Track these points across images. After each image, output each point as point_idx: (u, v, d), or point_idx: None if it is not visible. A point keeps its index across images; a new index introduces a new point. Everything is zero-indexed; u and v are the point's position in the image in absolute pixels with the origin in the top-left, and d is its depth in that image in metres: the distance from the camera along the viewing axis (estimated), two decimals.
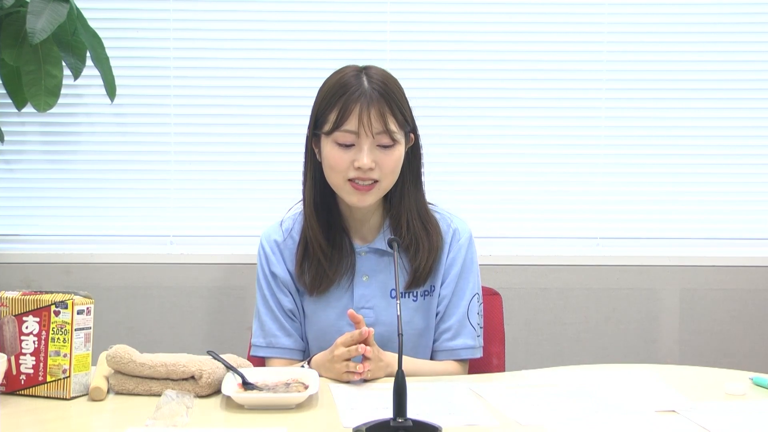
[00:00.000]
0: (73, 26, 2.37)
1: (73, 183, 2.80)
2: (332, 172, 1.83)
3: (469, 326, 1.91)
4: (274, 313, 1.91)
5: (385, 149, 1.81)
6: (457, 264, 1.92)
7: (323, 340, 1.86)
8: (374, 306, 1.89)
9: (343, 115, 1.79)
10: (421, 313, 1.91)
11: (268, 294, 1.92)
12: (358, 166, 1.79)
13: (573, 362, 2.08)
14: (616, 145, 2.82)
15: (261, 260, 1.94)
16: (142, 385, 1.59)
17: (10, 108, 2.53)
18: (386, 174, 1.82)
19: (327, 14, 2.77)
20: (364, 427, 1.36)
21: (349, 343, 1.68)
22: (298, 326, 1.93)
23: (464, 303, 1.91)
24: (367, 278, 1.90)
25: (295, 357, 1.92)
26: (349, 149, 1.81)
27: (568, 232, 2.83)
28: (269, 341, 1.91)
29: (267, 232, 1.97)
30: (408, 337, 1.87)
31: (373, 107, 1.79)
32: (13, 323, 1.59)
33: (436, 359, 1.92)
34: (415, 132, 1.90)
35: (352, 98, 1.79)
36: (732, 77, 2.81)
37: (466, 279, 1.92)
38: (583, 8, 2.78)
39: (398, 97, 1.84)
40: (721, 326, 2.82)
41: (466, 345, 1.90)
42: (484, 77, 2.79)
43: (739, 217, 2.85)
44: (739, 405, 1.57)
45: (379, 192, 1.84)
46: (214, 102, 2.78)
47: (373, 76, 1.83)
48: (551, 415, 1.48)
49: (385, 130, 1.80)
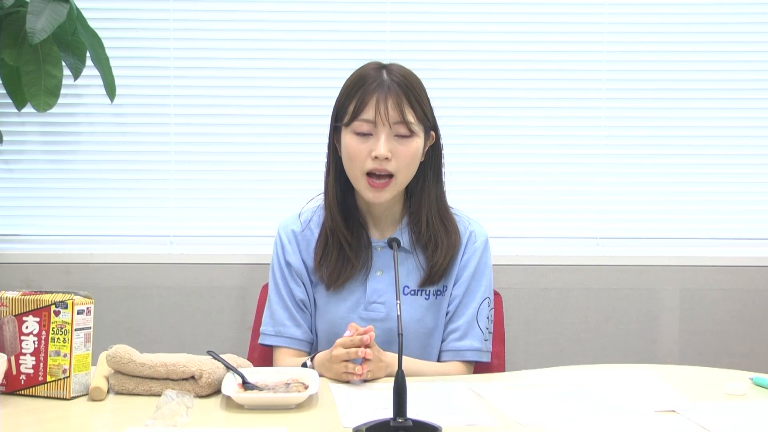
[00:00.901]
0: (73, 26, 2.37)
1: (73, 183, 2.80)
2: (350, 162, 1.85)
3: (477, 329, 1.91)
4: (285, 303, 1.93)
5: (402, 139, 1.83)
6: (470, 266, 1.93)
7: (333, 332, 1.87)
8: (386, 301, 1.90)
9: (360, 105, 1.83)
10: (432, 312, 1.91)
11: (281, 283, 1.94)
12: (375, 155, 1.81)
13: (573, 362, 2.08)
14: (616, 145, 2.82)
15: (277, 249, 1.96)
16: (142, 385, 1.59)
17: (10, 108, 2.53)
18: (402, 166, 1.83)
19: (327, 14, 2.76)
20: (364, 427, 1.36)
21: (348, 345, 1.68)
22: (308, 317, 1.94)
23: (474, 305, 1.91)
24: (381, 273, 1.91)
25: (303, 348, 1.93)
26: (367, 139, 1.83)
27: (568, 232, 2.83)
28: (278, 330, 1.92)
29: (285, 222, 1.99)
30: (417, 335, 1.89)
31: (390, 97, 1.82)
32: (13, 323, 1.59)
33: (442, 359, 1.93)
34: (436, 130, 1.92)
35: (370, 89, 1.83)
36: (732, 77, 2.81)
37: (479, 282, 1.93)
38: (583, 8, 2.78)
39: (417, 92, 1.87)
40: (721, 326, 2.82)
41: (473, 347, 1.91)
42: (483, 77, 2.78)
43: (739, 217, 2.84)
44: (739, 405, 1.57)
45: (395, 188, 1.86)
46: (214, 102, 2.78)
47: (394, 70, 1.87)
48: (551, 415, 1.48)
49: (402, 120, 1.82)
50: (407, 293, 1.90)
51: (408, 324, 1.85)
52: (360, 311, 1.89)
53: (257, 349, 2.07)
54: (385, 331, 1.85)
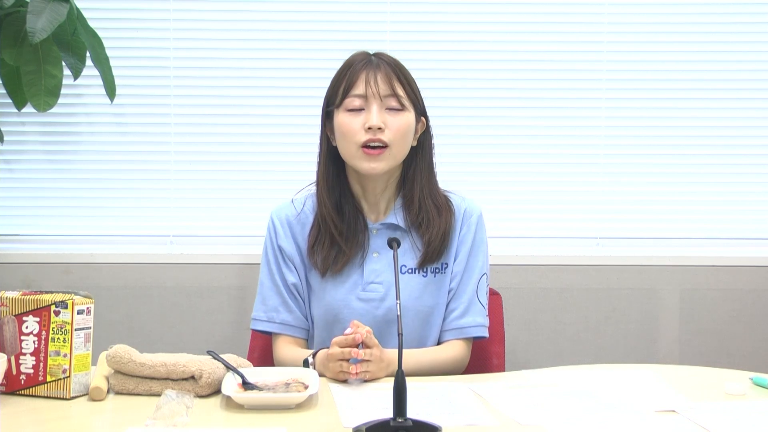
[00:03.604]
0: (73, 26, 2.37)
1: (73, 183, 2.80)
2: (344, 140, 1.87)
3: (478, 304, 1.92)
4: (278, 288, 1.93)
5: (393, 112, 1.86)
6: (467, 241, 1.94)
7: (331, 314, 1.88)
8: (383, 281, 1.90)
9: (350, 84, 1.87)
10: (431, 289, 1.92)
11: (274, 268, 1.94)
12: (368, 126, 1.83)
13: (573, 362, 2.08)
14: (616, 145, 2.82)
15: (270, 234, 1.97)
16: (142, 385, 1.59)
17: (10, 108, 2.53)
18: (396, 138, 1.85)
19: (327, 14, 2.76)
20: (364, 427, 1.36)
21: (344, 344, 1.68)
22: (300, 303, 1.94)
23: (473, 281, 1.93)
24: (377, 254, 1.91)
25: (296, 334, 1.94)
26: (359, 114, 1.85)
27: (568, 232, 2.83)
28: (270, 315, 1.93)
29: (278, 208, 2.01)
30: (417, 314, 1.90)
31: (380, 72, 1.87)
32: (13, 323, 1.59)
33: (444, 339, 1.93)
34: (425, 116, 1.94)
35: (358, 68, 1.88)
36: (732, 77, 2.81)
37: (476, 257, 1.94)
38: (583, 8, 2.78)
39: (405, 73, 1.91)
40: (721, 326, 2.82)
41: (476, 323, 1.92)
42: (483, 77, 2.78)
43: (739, 217, 2.84)
44: (739, 405, 1.57)
45: (390, 158, 1.86)
46: (214, 102, 2.78)
47: (381, 55, 1.92)
48: (551, 415, 1.48)
49: (393, 93, 1.86)
50: (405, 272, 1.91)
51: (406, 302, 1.87)
52: (358, 292, 1.90)
53: (257, 349, 2.07)
54: (384, 311, 1.87)
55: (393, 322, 1.80)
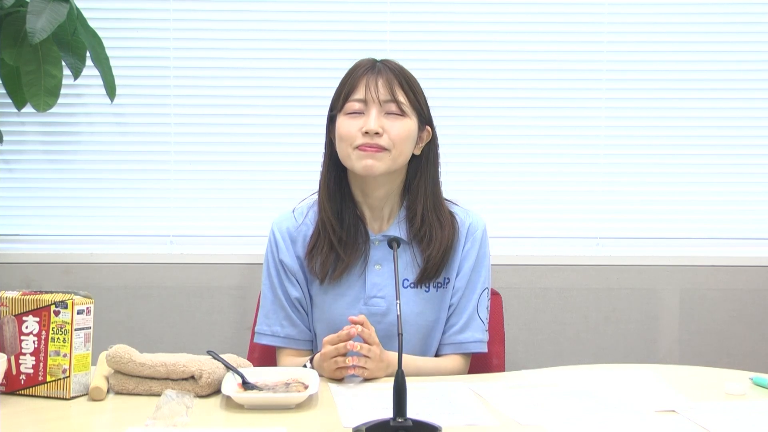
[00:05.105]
0: (73, 26, 2.37)
1: (73, 183, 2.80)
2: (342, 142, 1.85)
3: (478, 320, 1.91)
4: (280, 302, 1.92)
5: (393, 117, 1.84)
6: (471, 257, 1.93)
7: (333, 329, 1.86)
8: (386, 295, 1.89)
9: (351, 88, 1.85)
10: (433, 304, 1.91)
11: (276, 282, 1.93)
12: (365, 130, 1.81)
13: (573, 362, 2.08)
14: (616, 145, 2.82)
15: (271, 247, 1.95)
16: (142, 385, 1.59)
17: (10, 108, 2.53)
18: (396, 142, 1.83)
19: (327, 14, 2.76)
20: (364, 427, 1.36)
21: (335, 342, 1.68)
22: (303, 316, 1.93)
23: (475, 297, 1.92)
24: (379, 267, 1.90)
25: (300, 347, 1.93)
26: (358, 118, 1.83)
27: (568, 232, 2.83)
28: (274, 330, 1.92)
29: (278, 219, 1.98)
30: (418, 328, 1.89)
31: (381, 77, 1.85)
32: (13, 323, 1.59)
33: (442, 353, 1.93)
34: (432, 126, 1.92)
35: (360, 73, 1.87)
36: (732, 77, 2.81)
37: (479, 272, 1.94)
38: (583, 8, 2.78)
39: (410, 80, 1.89)
40: (721, 326, 2.82)
41: (475, 338, 1.91)
42: (483, 77, 2.78)
43: (739, 217, 2.84)
44: (739, 405, 1.57)
45: (388, 161, 1.84)
46: (214, 102, 2.78)
47: (387, 62, 1.90)
48: (551, 415, 1.48)
49: (393, 99, 1.84)
50: (407, 286, 1.90)
51: (408, 317, 1.85)
52: (360, 306, 1.88)
53: (257, 349, 2.07)
54: (387, 326, 1.86)
55: (394, 337, 1.79)
